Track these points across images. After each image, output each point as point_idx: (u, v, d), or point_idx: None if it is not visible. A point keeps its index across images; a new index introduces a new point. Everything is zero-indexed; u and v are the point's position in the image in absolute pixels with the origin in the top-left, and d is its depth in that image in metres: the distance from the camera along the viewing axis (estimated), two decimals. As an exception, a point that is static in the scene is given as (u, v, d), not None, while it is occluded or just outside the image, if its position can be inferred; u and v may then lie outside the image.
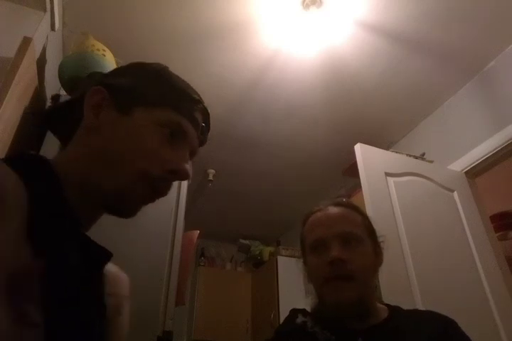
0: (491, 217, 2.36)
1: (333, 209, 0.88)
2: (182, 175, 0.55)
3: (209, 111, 0.66)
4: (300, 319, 0.84)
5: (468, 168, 2.25)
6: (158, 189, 0.55)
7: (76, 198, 0.49)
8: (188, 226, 1.42)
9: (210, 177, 3.35)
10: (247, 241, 4.37)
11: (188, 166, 0.56)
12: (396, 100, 2.59)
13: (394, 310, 0.85)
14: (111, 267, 0.60)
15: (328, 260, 0.77)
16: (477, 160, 2.21)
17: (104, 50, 1.59)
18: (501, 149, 2.09)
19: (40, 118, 0.60)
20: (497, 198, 2.96)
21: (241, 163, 3.28)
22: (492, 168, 2.25)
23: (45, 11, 1.58)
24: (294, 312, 0.89)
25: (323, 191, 3.50)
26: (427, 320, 0.81)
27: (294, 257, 3.98)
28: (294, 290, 3.73)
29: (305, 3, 1.94)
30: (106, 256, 0.53)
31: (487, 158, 2.16)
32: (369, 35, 2.13)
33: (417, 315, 0.84)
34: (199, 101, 0.62)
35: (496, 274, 1.92)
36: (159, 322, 1.11)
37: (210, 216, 4.06)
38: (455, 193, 2.14)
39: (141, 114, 0.54)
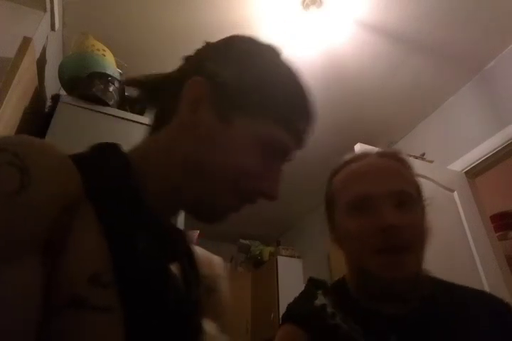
0: (491, 217, 2.36)
1: (377, 161, 0.69)
2: (271, 198, 0.50)
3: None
4: (319, 301, 0.67)
5: (468, 168, 2.25)
6: (244, 198, 0.50)
7: (151, 192, 0.46)
8: (188, 226, 1.41)
9: (210, 177, 3.35)
10: (247, 241, 4.37)
11: (279, 187, 0.51)
12: (396, 100, 2.59)
13: (438, 285, 0.69)
14: (201, 251, 0.60)
15: (381, 226, 0.60)
16: (477, 160, 2.21)
17: (104, 50, 1.59)
18: (501, 149, 2.09)
19: (140, 86, 0.53)
20: (497, 198, 2.96)
21: (241, 163, 3.28)
22: (492, 168, 2.26)
23: (45, 11, 1.59)
24: (313, 288, 0.72)
25: (323, 191, 3.49)
26: (481, 303, 0.66)
27: (294, 257, 3.98)
28: (294, 290, 3.72)
29: (305, 3, 1.94)
30: (181, 235, 0.52)
31: (487, 158, 2.16)
32: (369, 35, 2.13)
33: (466, 296, 0.69)
34: (309, 113, 0.53)
35: (496, 274, 1.92)
36: (159, 322, 1.10)
37: (210, 216, 4.06)
38: (455, 193, 2.14)
39: (242, 123, 0.47)
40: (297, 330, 0.63)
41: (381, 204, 0.63)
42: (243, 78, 0.48)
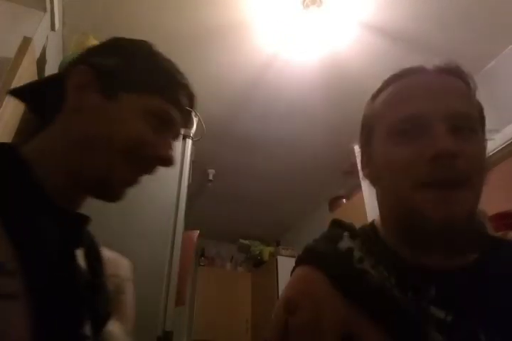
0: (490, 217, 2.36)
1: (432, 77, 0.57)
2: (167, 162, 0.55)
3: (195, 94, 0.63)
4: (345, 242, 0.55)
5: (468, 167, 2.25)
6: (140, 169, 0.54)
7: (53, 182, 0.48)
8: (188, 226, 1.41)
9: (210, 177, 3.35)
10: (247, 241, 4.37)
11: (173, 153, 0.56)
12: (396, 100, 2.59)
13: (494, 243, 0.56)
14: (110, 253, 0.61)
15: (433, 152, 0.48)
16: (477, 160, 2.20)
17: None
18: (501, 149, 2.09)
19: (18, 95, 0.58)
20: (497, 198, 2.96)
21: (241, 163, 3.28)
22: (492, 168, 2.25)
23: (45, 11, 1.59)
24: (339, 229, 0.59)
25: (323, 191, 3.50)
26: None
27: (294, 257, 3.97)
28: (294, 290, 3.73)
29: (305, 2, 1.94)
30: (83, 219, 0.54)
31: (487, 158, 2.16)
32: (369, 35, 2.13)
33: None
34: (187, 86, 0.60)
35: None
36: (159, 322, 1.11)
37: (210, 216, 4.06)
38: (455, 193, 2.13)
39: (129, 100, 0.53)
40: (317, 274, 0.51)
41: (434, 127, 0.50)
42: (125, 63, 0.55)
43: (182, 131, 0.62)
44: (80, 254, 0.51)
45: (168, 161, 0.55)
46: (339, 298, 0.48)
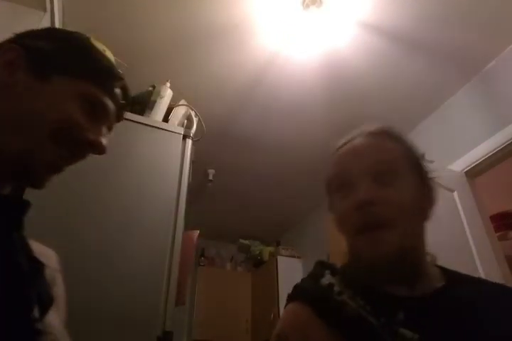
0: (491, 217, 2.36)
1: (363, 141, 0.65)
2: (97, 148, 0.54)
3: (129, 87, 0.65)
4: (326, 279, 0.63)
5: (468, 168, 2.25)
6: (68, 153, 0.53)
7: None
8: (188, 226, 1.41)
9: (210, 177, 3.35)
10: (247, 241, 4.37)
11: (105, 141, 0.56)
12: (396, 100, 2.59)
13: (453, 275, 0.65)
14: (34, 243, 0.59)
15: (354, 203, 0.58)
16: (477, 160, 2.21)
17: (104, 50, 1.58)
18: (501, 149, 2.09)
19: None
20: (497, 198, 2.96)
21: (241, 163, 3.28)
22: (492, 168, 2.25)
23: (45, 11, 1.59)
24: (321, 268, 0.68)
25: (323, 191, 3.49)
26: (501, 294, 0.61)
27: (294, 257, 3.98)
28: (294, 290, 3.73)
29: (305, 2, 1.94)
30: (24, 205, 0.52)
31: (487, 158, 2.16)
32: (369, 35, 2.13)
33: (484, 287, 0.63)
34: (121, 78, 0.61)
35: (496, 274, 1.92)
36: (159, 322, 1.10)
37: (210, 216, 4.06)
38: (455, 193, 2.13)
39: (62, 83, 0.52)
40: (304, 308, 0.59)
41: (359, 179, 0.60)
42: (58, 47, 0.55)
43: (114, 123, 0.61)
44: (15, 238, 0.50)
45: (97, 147, 0.54)
46: (323, 327, 0.55)
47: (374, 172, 0.60)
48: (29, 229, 1.03)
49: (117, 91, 0.59)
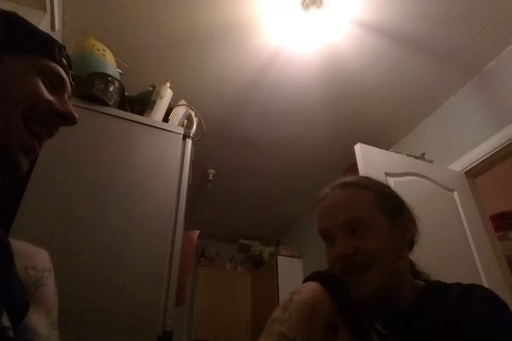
0: (490, 217, 2.36)
1: (338, 194, 0.77)
2: (70, 117, 0.55)
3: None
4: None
5: (468, 168, 2.25)
6: (40, 130, 0.52)
7: None
8: (188, 226, 1.41)
9: (210, 177, 3.35)
10: (247, 241, 4.37)
11: (73, 109, 0.56)
12: (396, 100, 2.59)
13: (427, 290, 0.74)
14: (24, 244, 0.58)
15: (335, 257, 0.70)
16: (477, 160, 2.21)
17: (104, 50, 1.59)
18: (501, 149, 2.09)
19: None
20: (497, 198, 2.96)
21: (241, 163, 3.28)
22: (492, 168, 2.25)
23: (45, 11, 1.58)
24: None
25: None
26: (466, 303, 0.67)
27: (294, 257, 3.98)
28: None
29: (305, 3, 1.94)
30: None
31: (487, 158, 2.16)
32: (369, 36, 2.13)
33: (454, 296, 0.70)
34: (61, 45, 0.60)
35: (496, 274, 1.92)
36: (159, 322, 1.10)
37: (210, 216, 4.06)
38: (455, 193, 2.14)
39: (15, 61, 0.52)
40: (320, 288, 0.73)
41: (336, 235, 0.72)
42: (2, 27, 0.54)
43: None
44: None
45: (68, 116, 0.55)
46: (331, 302, 0.71)
47: (348, 228, 0.71)
48: (29, 230, 1.04)
49: (65, 60, 0.59)
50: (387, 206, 0.75)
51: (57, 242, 1.09)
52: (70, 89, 0.60)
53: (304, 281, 0.78)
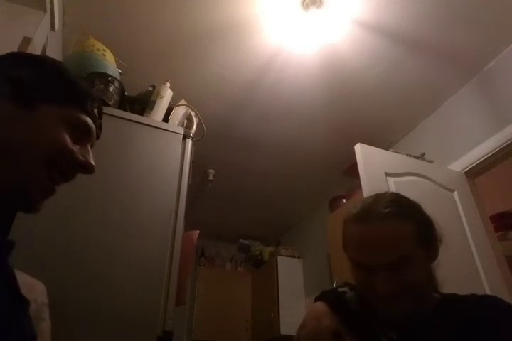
0: (490, 217, 2.36)
1: (377, 229, 0.72)
2: (88, 168, 0.57)
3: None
4: (343, 289, 0.84)
5: (468, 168, 2.25)
6: (60, 177, 0.55)
7: None
8: (188, 226, 1.41)
9: (210, 177, 3.35)
10: (247, 241, 4.37)
11: (92, 160, 0.59)
12: (396, 100, 2.59)
13: (442, 301, 0.76)
14: (22, 275, 0.58)
15: (378, 295, 0.70)
16: (477, 160, 2.21)
17: (104, 50, 1.59)
18: (501, 149, 2.09)
19: None
20: (497, 198, 2.96)
21: (241, 163, 3.28)
22: (492, 168, 2.25)
23: (45, 11, 1.58)
24: (344, 284, 0.87)
25: (323, 191, 3.50)
26: (479, 312, 0.70)
27: (294, 257, 3.98)
28: (294, 290, 3.73)
29: (305, 3, 1.94)
30: (7, 246, 0.51)
31: (487, 158, 2.16)
32: (369, 36, 2.13)
33: (466, 309, 0.72)
34: (97, 99, 0.63)
35: (496, 274, 1.92)
36: (159, 322, 1.10)
37: (210, 216, 4.06)
38: (455, 193, 2.14)
39: (47, 110, 0.53)
40: (322, 304, 0.81)
41: (378, 271, 0.70)
42: (40, 74, 0.56)
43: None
44: None
45: (88, 167, 0.57)
46: (333, 316, 0.77)
47: (390, 265, 0.69)
48: (29, 231, 1.03)
49: (95, 110, 0.61)
50: (427, 237, 0.75)
51: (57, 242, 1.09)
52: (96, 137, 0.63)
53: (315, 300, 0.85)
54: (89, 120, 0.58)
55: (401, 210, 0.75)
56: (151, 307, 1.12)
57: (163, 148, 1.42)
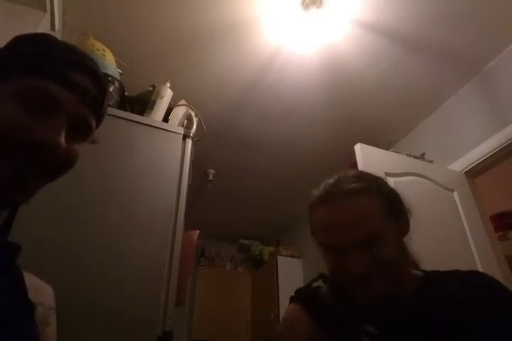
0: (490, 217, 2.36)
1: (343, 206, 0.69)
2: (50, 146, 0.44)
3: (99, 72, 0.55)
4: (317, 283, 0.79)
5: (468, 168, 2.25)
6: (21, 164, 0.44)
7: None
8: (188, 226, 1.41)
9: (210, 177, 3.35)
10: (247, 241, 4.37)
11: (60, 137, 0.46)
12: (396, 100, 2.59)
13: (425, 280, 0.72)
14: (32, 278, 0.56)
15: (349, 274, 0.66)
16: (477, 160, 2.21)
17: (104, 50, 1.59)
18: (501, 149, 2.09)
19: None
20: (497, 198, 2.96)
21: (241, 163, 3.28)
22: (492, 168, 2.25)
23: (45, 11, 1.58)
24: (317, 276, 0.83)
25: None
26: (464, 290, 0.66)
27: (294, 257, 3.98)
28: (293, 290, 3.73)
29: (305, 3, 1.94)
30: (14, 249, 0.47)
31: (487, 158, 2.16)
32: (369, 36, 2.13)
33: (452, 284, 0.68)
34: (76, 61, 0.52)
35: (496, 274, 1.92)
36: (159, 322, 1.10)
37: (210, 216, 4.06)
38: (455, 193, 2.14)
39: (1, 86, 0.46)
40: (295, 306, 0.78)
41: (348, 251, 0.66)
42: (6, 49, 0.50)
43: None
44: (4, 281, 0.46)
45: (49, 146, 0.44)
46: (308, 320, 0.74)
47: (362, 244, 0.66)
48: (29, 231, 1.03)
49: (73, 75, 0.50)
50: (395, 211, 0.72)
51: (57, 242, 1.09)
52: (82, 108, 0.50)
53: (290, 301, 0.82)
54: (57, 89, 0.47)
55: (364, 185, 0.71)
56: (151, 307, 1.12)
57: (163, 148, 1.42)
